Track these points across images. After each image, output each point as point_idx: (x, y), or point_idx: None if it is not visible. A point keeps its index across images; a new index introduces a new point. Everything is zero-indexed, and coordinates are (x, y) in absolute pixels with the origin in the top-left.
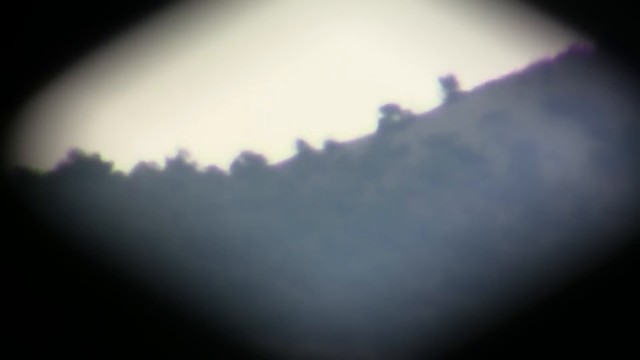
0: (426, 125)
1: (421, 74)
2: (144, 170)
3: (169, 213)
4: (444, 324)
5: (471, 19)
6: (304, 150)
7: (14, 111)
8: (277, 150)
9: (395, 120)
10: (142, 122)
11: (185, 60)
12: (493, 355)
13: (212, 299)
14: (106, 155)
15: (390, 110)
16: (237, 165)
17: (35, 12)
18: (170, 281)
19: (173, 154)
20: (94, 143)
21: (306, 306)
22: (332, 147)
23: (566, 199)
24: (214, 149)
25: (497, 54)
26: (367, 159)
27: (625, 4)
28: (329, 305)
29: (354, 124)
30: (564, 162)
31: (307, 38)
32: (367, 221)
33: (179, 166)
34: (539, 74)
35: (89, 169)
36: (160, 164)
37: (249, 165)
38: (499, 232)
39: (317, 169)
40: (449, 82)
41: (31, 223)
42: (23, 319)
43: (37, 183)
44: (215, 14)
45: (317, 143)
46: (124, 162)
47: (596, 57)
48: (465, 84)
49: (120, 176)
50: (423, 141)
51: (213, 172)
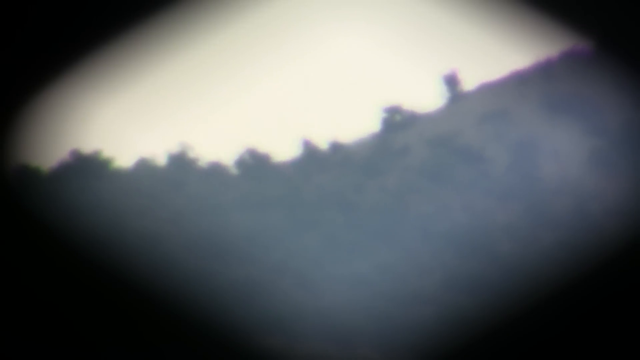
0: (428, 125)
1: (423, 74)
2: (146, 168)
3: (171, 212)
4: (444, 323)
5: (472, 19)
6: (308, 150)
7: (15, 110)
8: (281, 149)
9: (397, 121)
10: (144, 119)
11: (189, 58)
12: (493, 354)
13: (214, 298)
14: (107, 153)
15: (393, 110)
16: (241, 162)
17: (35, 12)
18: (172, 281)
19: (175, 150)
20: (95, 141)
21: (308, 306)
22: (336, 147)
23: (566, 197)
24: (217, 147)
25: (498, 54)
26: (369, 158)
27: (625, 4)
28: (330, 305)
29: (357, 124)
30: (564, 161)
31: (311, 38)
32: (370, 220)
33: (181, 163)
34: (540, 74)
35: (89, 167)
36: (162, 161)
37: (254, 163)
38: (499, 231)
39: (321, 168)
40: (450, 82)
41: (32, 221)
42: (24, 317)
43: (39, 181)
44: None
45: (321, 143)
46: (125, 160)
47: (596, 57)
48: (466, 83)
49: (121, 174)
50: (425, 141)
51: (216, 170)
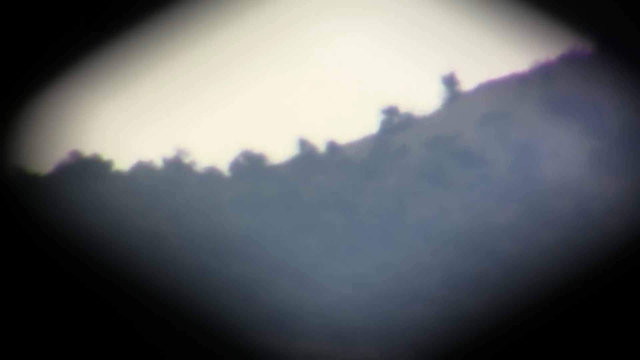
0: (427, 125)
1: (422, 75)
2: (143, 170)
3: (169, 213)
4: (444, 323)
5: (472, 19)
6: (306, 150)
7: (15, 112)
8: (278, 150)
9: (396, 122)
10: (141, 121)
11: (184, 59)
12: (494, 354)
13: (213, 298)
14: (106, 154)
15: (392, 111)
16: (236, 164)
17: (36, 12)
18: (171, 280)
19: (171, 153)
20: (94, 143)
21: (307, 305)
22: (334, 148)
23: (566, 198)
24: (213, 148)
25: (498, 55)
26: (368, 159)
27: (625, 4)
28: (330, 304)
29: (355, 125)
30: (564, 161)
31: (308, 38)
32: (368, 221)
33: (177, 166)
34: (540, 75)
35: (89, 169)
36: (159, 163)
37: (249, 164)
38: (499, 232)
39: (319, 169)
40: (450, 82)
41: (32, 222)
42: (24, 318)
43: (38, 183)
44: (216, 12)
45: (319, 143)
46: (123, 161)
47: (596, 57)
48: (466, 84)
49: (120, 175)
50: (424, 142)
51: (212, 172)
